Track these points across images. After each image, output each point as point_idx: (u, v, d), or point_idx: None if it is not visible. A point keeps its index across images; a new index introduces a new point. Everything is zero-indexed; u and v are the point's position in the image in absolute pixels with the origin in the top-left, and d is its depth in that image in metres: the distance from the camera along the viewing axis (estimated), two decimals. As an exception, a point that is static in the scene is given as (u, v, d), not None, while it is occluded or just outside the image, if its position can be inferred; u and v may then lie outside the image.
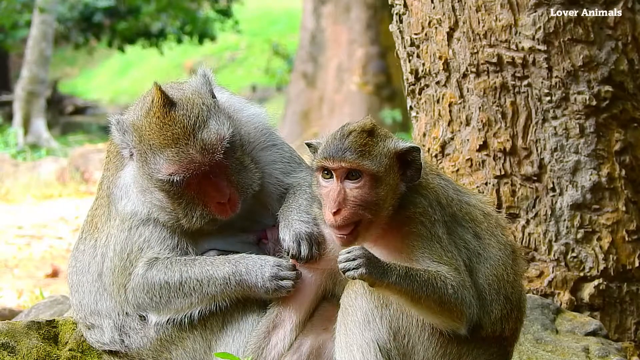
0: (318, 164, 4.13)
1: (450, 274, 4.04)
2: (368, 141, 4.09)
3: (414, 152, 4.15)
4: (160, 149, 4.38)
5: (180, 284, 4.45)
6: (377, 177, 4.08)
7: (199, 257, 4.52)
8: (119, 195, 4.63)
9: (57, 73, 41.43)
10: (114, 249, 4.59)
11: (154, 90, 4.45)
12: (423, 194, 4.19)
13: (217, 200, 4.44)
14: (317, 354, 4.32)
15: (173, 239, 4.56)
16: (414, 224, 4.11)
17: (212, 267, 4.44)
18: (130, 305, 4.55)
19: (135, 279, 4.50)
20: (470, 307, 4.06)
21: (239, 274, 4.40)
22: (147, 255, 4.53)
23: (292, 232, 4.39)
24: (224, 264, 4.44)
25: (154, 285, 4.48)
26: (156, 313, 4.52)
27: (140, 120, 4.45)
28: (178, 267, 4.47)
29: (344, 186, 4.07)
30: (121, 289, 4.55)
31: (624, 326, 5.80)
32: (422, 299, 3.98)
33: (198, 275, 4.44)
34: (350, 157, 4.05)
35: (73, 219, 15.02)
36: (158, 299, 4.48)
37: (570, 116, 5.69)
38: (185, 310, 4.48)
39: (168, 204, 4.48)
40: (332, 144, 4.10)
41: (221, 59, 39.95)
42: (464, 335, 4.12)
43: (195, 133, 4.37)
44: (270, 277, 4.36)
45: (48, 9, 26.61)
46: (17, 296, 9.87)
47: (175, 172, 4.37)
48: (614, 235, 5.74)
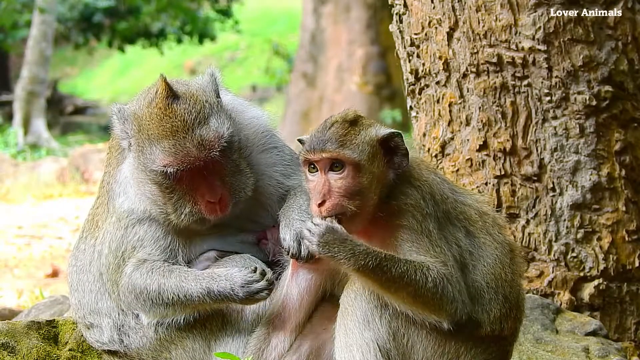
0: (302, 157, 4.16)
1: (434, 267, 4.01)
2: (349, 130, 4.11)
3: (395, 137, 4.16)
4: (158, 140, 4.37)
5: (158, 293, 4.43)
6: (359, 166, 4.08)
7: (176, 269, 4.47)
8: (117, 191, 4.62)
9: (57, 73, 41.43)
10: (109, 246, 4.59)
11: (159, 82, 4.45)
12: (415, 185, 4.18)
13: (207, 198, 4.42)
14: (316, 354, 4.32)
15: (166, 239, 4.55)
16: (405, 217, 4.10)
17: (186, 283, 4.40)
18: (122, 303, 4.56)
19: (124, 278, 4.50)
20: (454, 302, 4.02)
21: (210, 290, 4.36)
22: (138, 256, 4.52)
23: (292, 232, 4.38)
24: (195, 280, 4.39)
25: (135, 288, 4.48)
26: (144, 314, 4.53)
27: (142, 110, 4.45)
28: (156, 277, 4.45)
29: (328, 177, 4.09)
30: (114, 286, 4.56)
31: (624, 326, 5.80)
32: (393, 289, 3.97)
33: (174, 290, 4.42)
34: (331, 147, 4.07)
35: (73, 219, 15.03)
36: (142, 302, 4.48)
37: (570, 116, 5.69)
38: (170, 316, 4.48)
39: (159, 197, 4.47)
40: (314, 137, 4.13)
41: (221, 59, 39.95)
42: (462, 334, 4.11)
43: (194, 128, 4.37)
44: (241, 285, 4.31)
45: (48, 9, 26.62)
46: (17, 296, 9.86)
47: (170, 164, 4.35)
48: (614, 235, 5.74)
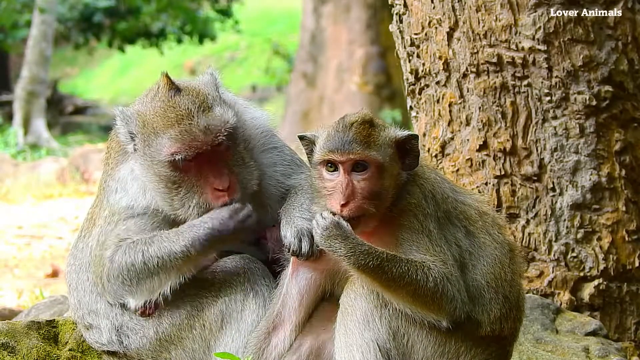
0: (323, 157, 4.12)
1: (434, 265, 4.02)
2: (371, 132, 4.11)
3: (412, 139, 4.18)
4: (164, 130, 4.39)
5: (144, 263, 4.40)
6: (382, 167, 4.09)
7: (156, 234, 4.44)
8: (113, 187, 4.61)
9: (57, 73, 41.42)
10: (98, 239, 4.57)
11: (161, 78, 4.50)
12: (419, 183, 4.21)
13: (215, 185, 4.41)
14: (316, 354, 4.32)
15: (155, 230, 4.51)
16: (407, 217, 4.12)
17: (168, 242, 4.39)
18: (108, 294, 4.51)
19: (106, 264, 4.46)
20: (454, 301, 4.04)
21: (195, 237, 4.34)
22: (118, 238, 4.49)
23: (293, 229, 4.37)
24: (177, 234, 4.38)
25: (122, 269, 4.43)
26: (132, 297, 4.48)
27: (145, 106, 4.48)
28: (140, 247, 4.42)
29: (351, 178, 4.07)
30: (98, 280, 4.53)
31: (624, 326, 5.80)
32: (393, 288, 3.99)
33: (157, 252, 4.39)
34: (358, 148, 4.06)
35: (73, 219, 15.02)
36: (129, 282, 4.44)
37: (570, 116, 5.69)
38: (157, 289, 4.44)
39: (166, 192, 4.46)
40: (335, 137, 4.09)
41: (221, 59, 39.94)
42: (462, 334, 4.12)
43: (199, 114, 4.40)
44: (229, 217, 4.33)
45: (48, 9, 26.61)
46: (17, 296, 9.87)
47: (178, 150, 4.36)
48: (614, 235, 5.74)
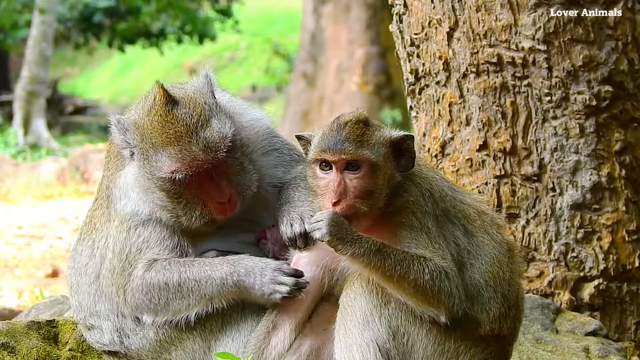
0: (316, 156, 4.14)
1: (432, 260, 4.04)
2: (365, 131, 4.12)
3: (408, 140, 4.19)
4: (163, 147, 4.36)
5: (179, 284, 4.42)
6: (376, 167, 4.10)
7: (197, 259, 4.49)
8: (118, 195, 4.61)
9: (57, 73, 41.42)
10: (113, 250, 4.57)
11: (156, 89, 4.43)
12: (417, 182, 4.21)
13: (217, 199, 4.43)
14: (316, 354, 4.32)
15: (172, 239, 4.55)
16: (405, 215, 4.13)
17: (210, 268, 4.42)
18: (128, 306, 4.53)
19: (134, 281, 4.48)
20: (452, 296, 4.04)
21: (237, 274, 4.38)
22: (146, 257, 4.51)
23: (287, 217, 4.42)
24: (222, 264, 4.42)
25: (153, 287, 4.45)
26: (153, 315, 4.50)
27: (142, 119, 4.43)
28: (177, 268, 4.44)
29: (343, 177, 4.08)
30: (120, 290, 4.53)
31: (624, 326, 5.79)
32: (394, 278, 3.99)
33: (196, 276, 4.41)
34: (350, 148, 4.07)
35: (73, 219, 15.03)
36: (157, 300, 4.46)
37: (570, 116, 5.69)
38: (183, 312, 4.46)
39: (168, 202, 4.47)
40: (329, 136, 4.11)
41: (221, 59, 39.95)
42: (461, 333, 4.12)
43: (198, 131, 4.36)
44: (269, 281, 4.34)
45: (48, 9, 26.61)
46: (17, 296, 9.87)
47: (178, 169, 4.35)
48: (614, 235, 5.74)
